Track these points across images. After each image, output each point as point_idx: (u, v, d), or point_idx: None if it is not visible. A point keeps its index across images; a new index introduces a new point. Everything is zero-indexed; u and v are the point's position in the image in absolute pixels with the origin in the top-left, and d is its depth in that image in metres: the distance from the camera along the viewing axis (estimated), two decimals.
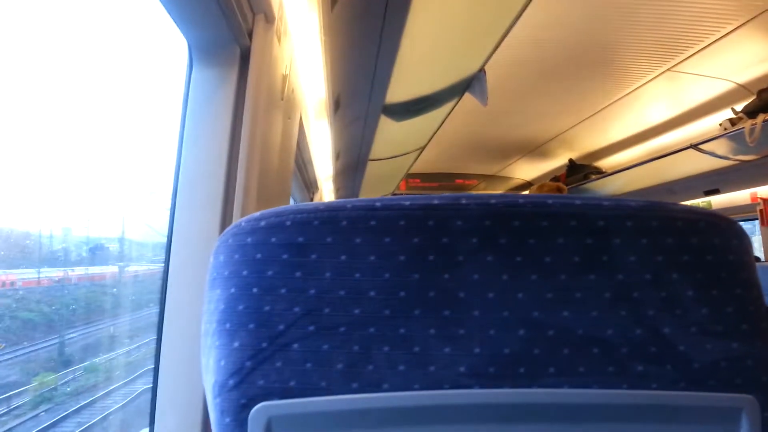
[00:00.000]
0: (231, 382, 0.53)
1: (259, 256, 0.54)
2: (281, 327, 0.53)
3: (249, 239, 0.55)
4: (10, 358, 1.57)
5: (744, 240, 0.55)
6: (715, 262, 0.53)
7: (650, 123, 3.49)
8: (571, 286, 0.52)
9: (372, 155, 3.32)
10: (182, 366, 0.97)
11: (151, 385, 1.00)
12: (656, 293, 0.52)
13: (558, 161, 4.88)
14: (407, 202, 0.53)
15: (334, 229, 0.53)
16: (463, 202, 0.53)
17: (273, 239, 0.54)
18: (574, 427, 0.51)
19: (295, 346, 0.52)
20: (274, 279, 0.53)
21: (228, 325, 0.54)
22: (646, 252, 0.52)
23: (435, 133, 3.30)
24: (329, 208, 0.54)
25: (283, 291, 0.53)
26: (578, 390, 0.51)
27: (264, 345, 0.53)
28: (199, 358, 0.82)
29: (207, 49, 1.07)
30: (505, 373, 0.52)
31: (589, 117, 3.66)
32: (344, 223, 0.53)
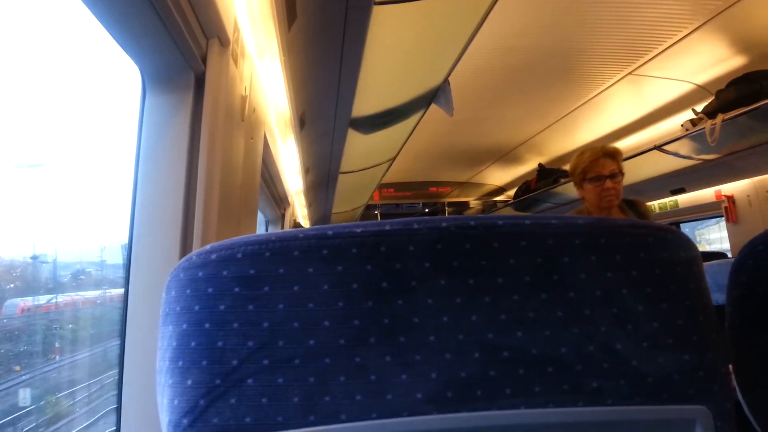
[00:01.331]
0: (185, 421, 0.52)
1: (210, 290, 0.53)
2: (235, 362, 0.51)
3: (200, 273, 0.53)
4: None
5: (691, 250, 0.56)
6: (664, 275, 0.54)
7: (615, 125, 3.57)
8: (524, 305, 0.52)
9: (342, 168, 3.32)
10: (145, 403, 0.95)
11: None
12: (607, 309, 0.52)
13: (528, 166, 4.95)
14: (359, 230, 0.52)
15: (286, 260, 0.52)
16: (415, 226, 0.53)
17: (224, 272, 0.53)
18: None
19: (250, 381, 0.51)
20: (226, 313, 0.52)
21: (180, 363, 0.53)
22: (595, 269, 0.53)
23: (404, 143, 3.31)
24: (281, 239, 0.53)
25: (235, 325, 0.52)
26: (535, 410, 0.51)
27: (218, 382, 0.51)
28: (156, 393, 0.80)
29: (160, 76, 1.05)
30: (463, 397, 0.51)
31: (555, 122, 3.72)
32: (296, 253, 0.52)
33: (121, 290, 1.02)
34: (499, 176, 5.63)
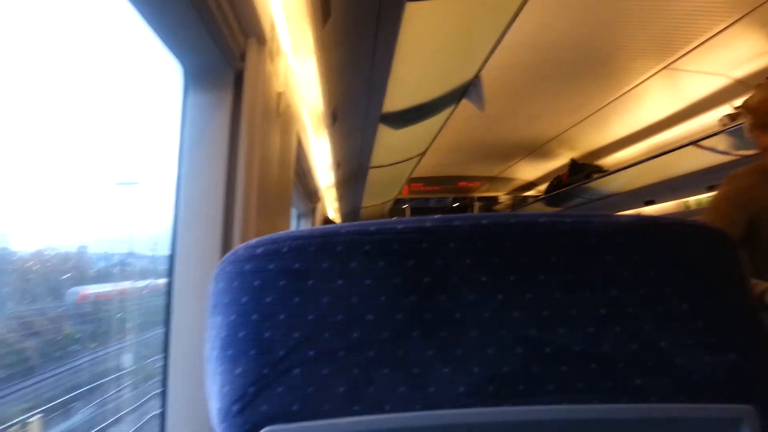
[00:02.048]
0: (235, 408, 0.53)
1: (257, 282, 0.54)
2: (282, 353, 0.53)
3: (247, 266, 0.55)
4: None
5: (735, 249, 0.56)
6: (708, 273, 0.54)
7: (650, 120, 3.50)
8: (566, 303, 0.52)
9: (372, 163, 3.33)
10: (190, 389, 0.98)
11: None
12: (651, 307, 0.52)
13: (560, 161, 4.88)
14: (400, 226, 0.53)
15: (329, 255, 0.54)
16: (455, 223, 0.53)
17: (270, 266, 0.54)
18: None
19: (296, 371, 0.52)
20: (272, 305, 0.54)
21: (230, 352, 0.54)
22: (638, 267, 0.53)
23: (434, 139, 3.30)
24: (324, 234, 0.54)
25: (282, 317, 0.53)
26: (578, 406, 0.52)
27: (266, 371, 0.53)
28: (202, 384, 0.82)
29: (201, 74, 1.08)
30: (505, 391, 0.52)
31: (588, 116, 3.66)
32: (339, 248, 0.54)
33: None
34: (529, 171, 5.57)
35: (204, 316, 0.90)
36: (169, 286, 1.04)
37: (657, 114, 3.39)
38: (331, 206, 4.53)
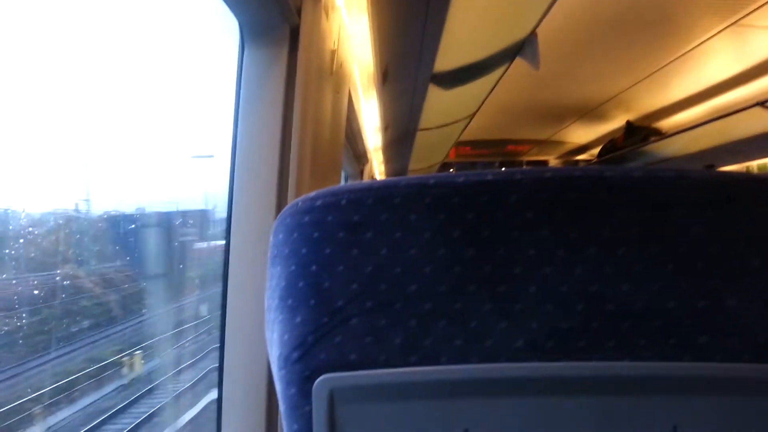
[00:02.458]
0: (295, 355, 0.55)
1: (316, 234, 0.55)
2: (340, 303, 0.54)
3: (306, 218, 0.56)
4: None
5: None
6: None
7: (713, 81, 3.32)
8: (631, 259, 0.51)
9: (421, 125, 3.29)
10: (246, 340, 1.01)
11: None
12: (720, 264, 0.51)
13: (614, 123, 4.71)
14: (461, 179, 0.53)
15: (388, 207, 0.54)
16: (518, 177, 0.53)
17: (329, 218, 0.55)
18: (636, 399, 0.51)
19: (354, 321, 0.53)
20: (331, 257, 0.55)
21: (290, 301, 0.56)
22: (709, 223, 0.51)
23: (485, 99, 3.24)
24: (383, 186, 0.55)
25: (340, 268, 0.54)
26: (639, 363, 0.51)
27: (324, 320, 0.54)
28: (260, 332, 0.85)
29: (257, 30, 1.08)
30: (564, 347, 0.51)
31: (647, 77, 3.50)
32: (398, 200, 0.54)
33: None
34: (581, 134, 5.40)
35: (257, 272, 0.93)
36: (227, 243, 1.06)
37: (721, 74, 3.21)
38: (377, 168, 4.53)
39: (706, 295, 0.51)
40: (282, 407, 0.57)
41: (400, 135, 3.60)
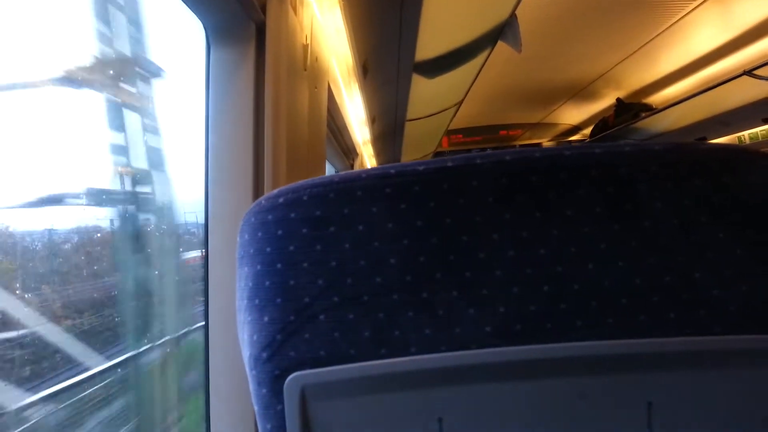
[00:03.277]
0: (264, 354, 0.55)
1: (280, 232, 0.55)
2: (306, 300, 0.54)
3: (270, 216, 0.56)
4: None
5: None
6: (749, 200, 0.50)
7: (700, 52, 3.29)
8: (595, 237, 0.51)
9: (409, 115, 3.28)
10: (230, 336, 1.02)
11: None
12: (685, 238, 0.50)
13: (605, 102, 4.70)
14: (421, 167, 0.53)
15: (350, 200, 0.53)
16: (478, 162, 0.52)
17: (292, 215, 0.55)
18: (609, 378, 0.51)
19: (322, 317, 0.53)
20: (295, 254, 0.54)
21: (257, 301, 0.56)
22: (672, 196, 0.50)
23: (471, 86, 3.22)
24: (344, 179, 0.54)
25: (305, 265, 0.54)
26: (609, 341, 0.50)
27: (292, 318, 0.54)
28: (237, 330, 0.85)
29: (222, 29, 1.07)
30: (532, 329, 0.51)
31: (633, 53, 3.48)
32: (359, 193, 0.53)
33: None
34: (573, 115, 5.39)
35: (233, 272, 0.92)
36: (205, 244, 1.06)
37: (707, 45, 3.18)
38: (369, 162, 4.52)
39: (672, 270, 0.50)
40: (255, 407, 0.57)
41: (389, 127, 3.59)
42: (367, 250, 0.53)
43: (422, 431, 0.53)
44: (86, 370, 0.95)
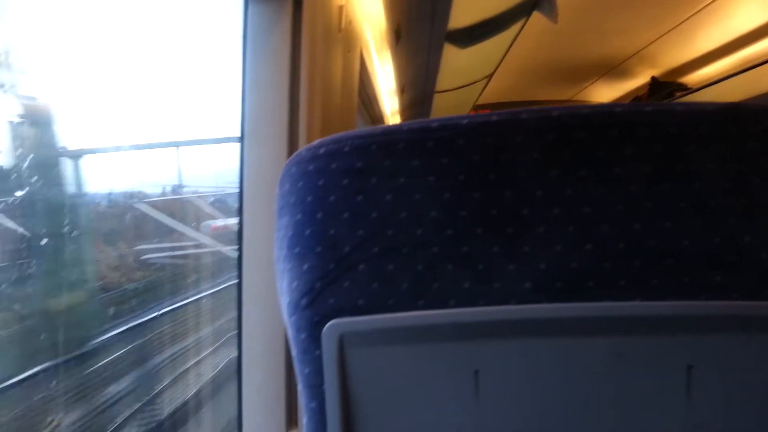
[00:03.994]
0: (303, 301, 0.56)
1: (321, 182, 0.55)
2: (347, 249, 0.54)
3: (310, 166, 0.56)
4: None
5: None
6: None
7: (740, 31, 3.19)
8: (643, 196, 0.50)
9: (438, 87, 3.25)
10: (263, 291, 1.04)
11: None
12: (735, 200, 0.49)
13: (639, 80, 4.59)
14: (464, 121, 0.52)
15: (391, 153, 0.53)
16: (523, 116, 0.51)
17: (333, 165, 0.55)
18: (649, 340, 0.50)
19: (361, 266, 0.54)
20: (336, 204, 0.55)
21: (297, 249, 0.56)
22: (723, 158, 0.49)
23: (503, 58, 3.17)
24: (386, 132, 0.54)
25: (346, 215, 0.54)
26: (651, 302, 0.50)
27: (331, 266, 0.55)
28: (274, 281, 0.86)
29: None
30: (573, 287, 0.51)
31: (671, 29, 3.38)
32: (401, 145, 0.53)
33: None
34: (605, 93, 5.27)
35: (269, 226, 0.93)
36: (240, 206, 1.07)
37: (747, 24, 3.08)
38: None
39: (720, 233, 0.49)
40: (294, 352, 0.58)
41: (417, 97, 3.56)
42: (409, 202, 0.53)
43: (457, 383, 0.53)
44: None
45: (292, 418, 1.08)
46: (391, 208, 0.53)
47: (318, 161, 0.56)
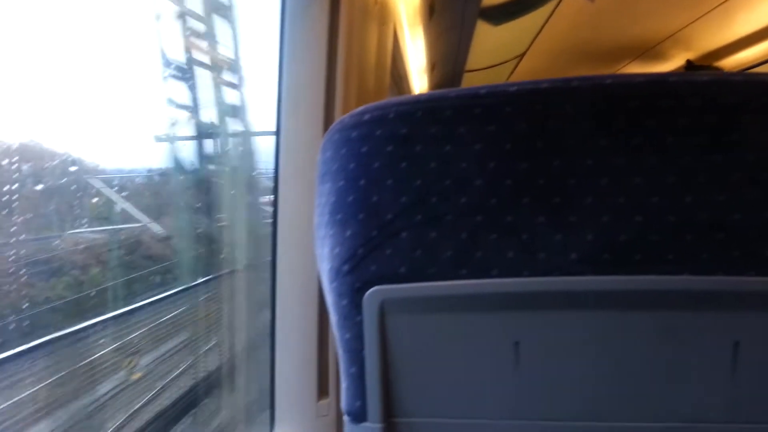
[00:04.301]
0: (345, 267, 0.56)
1: (364, 149, 0.55)
2: (389, 216, 0.54)
3: (354, 133, 0.56)
4: None
5: None
6: None
7: None
8: (695, 168, 0.49)
9: (468, 66, 3.21)
10: (297, 258, 1.05)
11: None
12: None
13: (673, 63, 4.47)
14: (513, 88, 0.52)
15: (437, 119, 0.53)
16: (574, 84, 0.51)
17: (377, 132, 0.55)
18: (696, 315, 0.50)
19: (404, 234, 0.54)
20: (380, 170, 0.55)
21: (339, 216, 0.57)
22: None
23: (536, 37, 3.11)
24: (432, 99, 0.54)
25: (389, 182, 0.54)
26: (701, 277, 0.49)
27: (374, 233, 0.55)
28: (311, 250, 0.87)
29: None
30: (620, 260, 0.50)
31: (708, 12, 3.28)
32: (448, 112, 0.53)
33: None
34: None
35: (303, 197, 0.94)
36: (276, 172, 1.08)
37: None
38: None
39: None
40: (334, 318, 0.59)
41: (447, 76, 3.51)
42: (453, 170, 0.53)
43: (497, 354, 0.53)
44: None
45: (323, 388, 1.10)
46: (435, 176, 0.53)
47: (362, 128, 0.56)
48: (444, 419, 0.55)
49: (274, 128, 1.08)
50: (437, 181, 0.53)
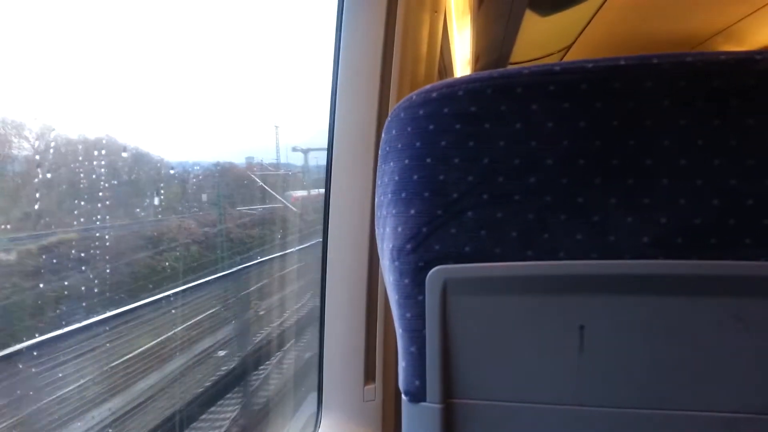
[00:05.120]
0: (408, 246, 0.56)
1: (431, 127, 0.55)
2: (455, 195, 0.54)
3: (421, 111, 0.56)
4: None
5: None
6: None
7: None
8: None
9: (512, 58, 3.16)
10: (349, 239, 1.06)
11: None
12: None
13: None
14: (590, 65, 0.51)
15: (508, 97, 0.53)
16: (654, 61, 0.50)
17: (445, 110, 0.55)
18: None
19: (470, 213, 0.54)
20: (447, 149, 0.54)
21: (404, 194, 0.56)
22: None
23: (582, 30, 3.05)
24: (504, 75, 0.53)
25: (456, 161, 0.54)
26: None
27: (439, 212, 0.55)
28: (362, 231, 0.87)
29: None
30: (695, 244, 0.49)
31: (762, 6, 3.18)
32: (519, 90, 0.52)
33: None
34: None
35: (356, 182, 0.94)
36: (329, 164, 1.09)
37: None
38: None
39: None
40: (395, 297, 0.58)
41: (490, 68, 3.48)
42: (523, 148, 0.52)
43: (561, 337, 0.53)
44: None
45: (369, 373, 1.10)
46: (503, 154, 0.53)
47: (429, 105, 0.55)
48: (503, 402, 0.55)
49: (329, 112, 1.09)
50: (505, 160, 0.53)
